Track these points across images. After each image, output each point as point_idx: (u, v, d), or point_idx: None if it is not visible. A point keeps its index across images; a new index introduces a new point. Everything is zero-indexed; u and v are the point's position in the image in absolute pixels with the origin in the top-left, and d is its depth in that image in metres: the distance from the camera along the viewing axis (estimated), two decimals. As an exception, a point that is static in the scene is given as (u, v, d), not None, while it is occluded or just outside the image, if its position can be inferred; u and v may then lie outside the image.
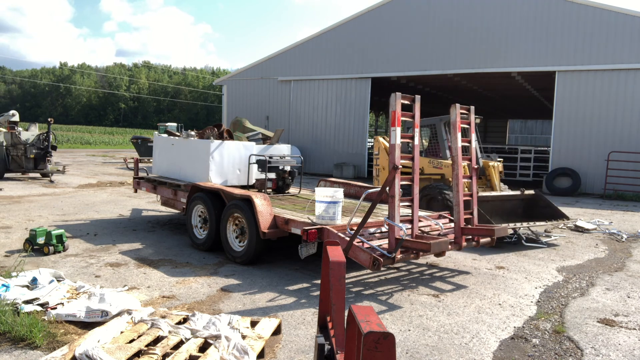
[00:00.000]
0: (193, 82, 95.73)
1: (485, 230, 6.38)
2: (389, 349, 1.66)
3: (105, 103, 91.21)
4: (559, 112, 17.60)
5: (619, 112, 16.61)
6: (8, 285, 4.84)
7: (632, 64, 16.23)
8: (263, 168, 7.89)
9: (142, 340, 3.76)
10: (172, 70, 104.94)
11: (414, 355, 4.04)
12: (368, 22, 21.36)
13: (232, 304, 5.06)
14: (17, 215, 9.46)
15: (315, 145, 22.98)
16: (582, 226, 10.08)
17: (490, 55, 18.69)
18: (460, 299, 5.52)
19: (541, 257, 7.72)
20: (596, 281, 6.48)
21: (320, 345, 2.43)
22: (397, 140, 5.41)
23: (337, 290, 2.42)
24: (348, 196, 8.17)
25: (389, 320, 4.77)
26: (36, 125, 16.47)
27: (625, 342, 4.48)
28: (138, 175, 9.52)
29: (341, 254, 2.64)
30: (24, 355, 3.79)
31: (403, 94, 5.51)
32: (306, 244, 5.73)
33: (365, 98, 21.54)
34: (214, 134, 8.53)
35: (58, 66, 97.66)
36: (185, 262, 6.63)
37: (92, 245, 7.38)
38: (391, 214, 5.43)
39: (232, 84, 25.74)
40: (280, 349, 4.07)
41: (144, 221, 9.47)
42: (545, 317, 5.05)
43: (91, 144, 43.60)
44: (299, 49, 23.27)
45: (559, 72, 17.46)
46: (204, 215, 7.39)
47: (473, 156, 6.60)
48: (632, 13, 16.28)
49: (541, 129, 46.80)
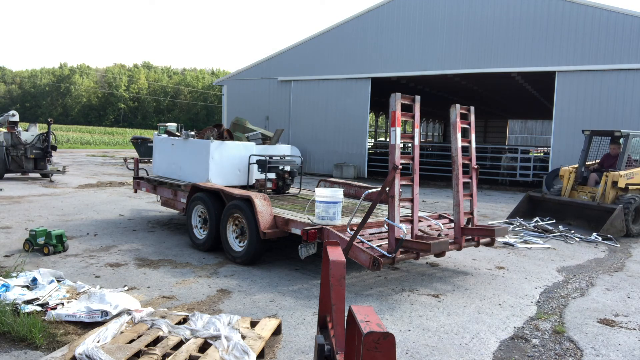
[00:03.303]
0: (193, 82, 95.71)
1: (485, 230, 6.38)
2: (389, 349, 1.66)
3: (105, 103, 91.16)
4: (559, 112, 17.60)
5: (619, 112, 16.60)
6: (8, 285, 4.84)
7: (632, 64, 16.23)
8: (263, 168, 7.89)
9: (142, 341, 3.76)
10: (171, 71, 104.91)
11: (414, 356, 4.04)
12: (368, 22, 21.37)
13: (232, 304, 5.06)
14: (17, 216, 9.46)
15: (315, 145, 22.98)
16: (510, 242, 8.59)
17: (490, 55, 18.69)
18: (460, 299, 5.52)
19: (541, 258, 7.72)
20: (596, 281, 6.48)
21: (320, 346, 2.43)
22: (397, 140, 5.41)
23: (337, 290, 2.42)
24: (348, 196, 8.17)
25: (389, 321, 4.77)
26: (36, 125, 16.46)
27: (625, 342, 4.49)
28: (138, 176, 9.52)
29: (341, 254, 2.64)
30: (24, 355, 3.79)
31: (403, 94, 5.51)
32: (306, 244, 5.73)
33: (365, 98, 21.54)
34: (214, 134, 8.53)
35: (58, 66, 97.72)
36: (185, 262, 6.63)
37: (92, 245, 7.37)
38: (391, 214, 5.43)
39: (232, 84, 25.74)
40: (280, 349, 4.07)
41: (144, 221, 9.47)
42: (545, 317, 5.05)
43: (91, 144, 43.60)
44: (299, 49, 23.27)
45: (559, 72, 17.46)
46: (204, 216, 7.39)
47: (473, 156, 6.60)
48: (632, 13, 16.28)
49: (541, 129, 46.85)
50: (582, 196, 10.75)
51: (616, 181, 10.11)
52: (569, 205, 10.63)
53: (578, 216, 10.34)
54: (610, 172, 10.24)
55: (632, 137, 10.56)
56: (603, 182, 10.20)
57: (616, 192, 10.28)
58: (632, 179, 10.35)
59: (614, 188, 10.20)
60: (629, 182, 10.29)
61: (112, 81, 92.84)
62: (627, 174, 10.28)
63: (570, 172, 11.08)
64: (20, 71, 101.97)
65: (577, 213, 10.41)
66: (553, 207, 10.88)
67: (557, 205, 10.81)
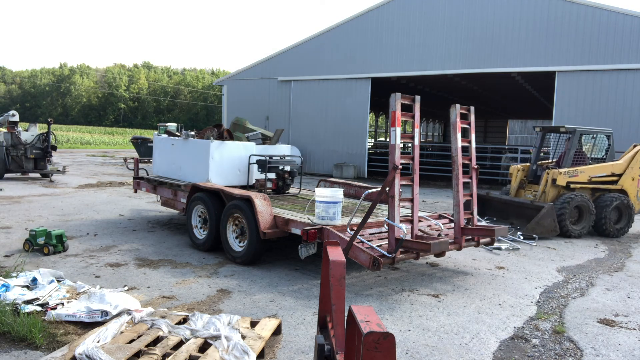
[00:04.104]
0: (193, 82, 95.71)
1: (485, 230, 6.38)
2: (389, 349, 1.66)
3: (105, 103, 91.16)
4: (559, 112, 17.60)
5: (619, 112, 16.61)
6: (8, 285, 4.84)
7: (632, 64, 16.23)
8: (263, 168, 7.89)
9: (142, 341, 3.76)
10: (171, 71, 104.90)
11: (414, 356, 4.04)
12: (368, 22, 21.37)
13: (232, 304, 5.06)
14: (17, 216, 9.46)
15: (315, 145, 22.98)
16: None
17: (490, 55, 18.69)
18: (460, 299, 5.52)
19: (541, 258, 7.72)
20: (596, 281, 6.48)
21: (320, 346, 2.43)
22: (397, 140, 5.41)
23: (337, 290, 2.42)
24: (348, 196, 8.17)
25: (389, 321, 4.77)
26: (36, 125, 16.45)
27: (625, 342, 4.49)
28: (138, 176, 9.52)
29: (341, 254, 2.64)
30: (24, 355, 3.79)
31: (403, 94, 5.51)
32: (306, 244, 5.73)
33: (365, 98, 21.54)
34: (214, 134, 8.53)
35: (58, 66, 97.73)
36: (185, 262, 6.63)
37: (92, 245, 7.37)
38: (391, 214, 5.43)
39: (232, 84, 25.74)
40: (280, 349, 4.07)
41: (144, 221, 9.46)
42: (545, 317, 5.05)
43: (91, 144, 43.59)
44: (299, 49, 23.28)
45: (559, 72, 17.47)
46: (204, 216, 7.39)
47: (473, 156, 6.60)
48: (632, 13, 16.28)
49: (541, 129, 46.75)
50: (528, 195, 10.32)
51: (555, 179, 9.68)
52: (510, 205, 10.26)
53: (520, 216, 9.87)
54: (551, 170, 9.82)
55: (578, 133, 10.09)
56: (544, 180, 9.81)
57: (558, 190, 9.82)
58: (575, 177, 9.80)
59: (555, 186, 9.75)
60: (573, 181, 9.77)
61: (112, 81, 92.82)
62: (570, 172, 9.76)
63: (518, 171, 10.75)
64: (20, 71, 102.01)
65: (518, 213, 9.98)
66: (498, 206, 10.51)
67: (501, 204, 10.45)
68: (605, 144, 10.67)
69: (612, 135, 10.62)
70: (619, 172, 10.20)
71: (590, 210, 9.54)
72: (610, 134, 10.61)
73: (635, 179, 10.29)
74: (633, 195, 10.26)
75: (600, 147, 10.74)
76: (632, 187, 10.27)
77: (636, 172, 10.30)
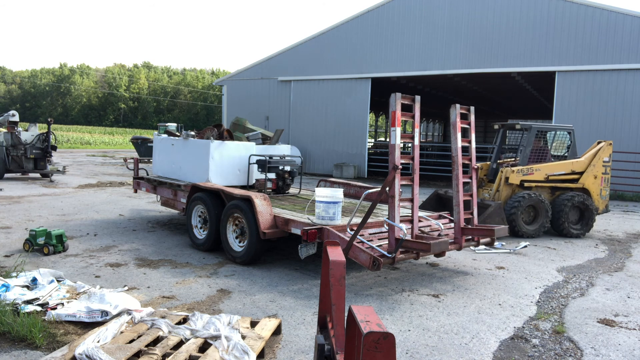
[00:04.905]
0: (193, 82, 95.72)
1: (485, 230, 6.38)
2: (389, 349, 1.66)
3: (105, 103, 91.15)
4: (559, 112, 17.61)
5: (619, 112, 16.61)
6: (8, 285, 4.84)
7: (632, 64, 16.23)
8: (263, 168, 7.89)
9: (142, 341, 3.76)
10: (171, 71, 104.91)
11: (414, 356, 4.04)
12: (368, 22, 21.37)
13: (232, 304, 5.06)
14: (17, 216, 9.46)
15: (315, 145, 22.98)
16: None
17: (490, 55, 18.70)
18: (460, 299, 5.52)
19: (541, 257, 7.72)
20: (596, 281, 6.48)
21: (320, 345, 2.43)
22: (397, 140, 5.41)
23: (337, 290, 2.41)
24: (348, 196, 8.17)
25: (389, 321, 4.77)
26: (36, 125, 16.45)
27: (625, 342, 4.49)
28: (138, 176, 9.52)
29: (341, 254, 2.63)
30: (24, 355, 3.79)
31: (403, 94, 5.51)
32: (306, 244, 5.73)
33: (365, 98, 21.55)
34: (214, 134, 8.53)
35: (58, 66, 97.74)
36: (185, 262, 6.63)
37: (92, 245, 7.38)
38: (391, 214, 5.43)
39: (232, 84, 25.74)
40: (280, 349, 4.07)
41: (144, 221, 9.47)
42: (545, 317, 5.05)
43: (91, 144, 43.59)
44: (299, 49, 23.28)
45: (559, 72, 17.47)
46: (204, 216, 7.39)
47: (473, 156, 6.60)
48: (632, 13, 16.29)
49: (541, 129, 46.72)
50: (485, 194, 9.86)
51: (508, 177, 9.35)
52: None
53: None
54: (504, 168, 9.49)
55: (534, 130, 9.69)
56: (498, 179, 9.46)
57: (512, 189, 9.48)
58: (530, 175, 9.42)
59: (508, 185, 9.42)
60: (527, 179, 9.41)
61: (112, 81, 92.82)
62: (524, 170, 9.41)
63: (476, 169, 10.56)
64: (20, 71, 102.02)
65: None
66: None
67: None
68: (567, 140, 10.21)
69: (574, 132, 10.14)
70: (579, 170, 9.72)
71: (546, 209, 9.19)
72: (572, 130, 10.12)
73: (599, 177, 9.79)
74: (596, 194, 9.77)
75: (563, 144, 10.28)
76: (595, 186, 9.76)
77: (599, 170, 9.77)
